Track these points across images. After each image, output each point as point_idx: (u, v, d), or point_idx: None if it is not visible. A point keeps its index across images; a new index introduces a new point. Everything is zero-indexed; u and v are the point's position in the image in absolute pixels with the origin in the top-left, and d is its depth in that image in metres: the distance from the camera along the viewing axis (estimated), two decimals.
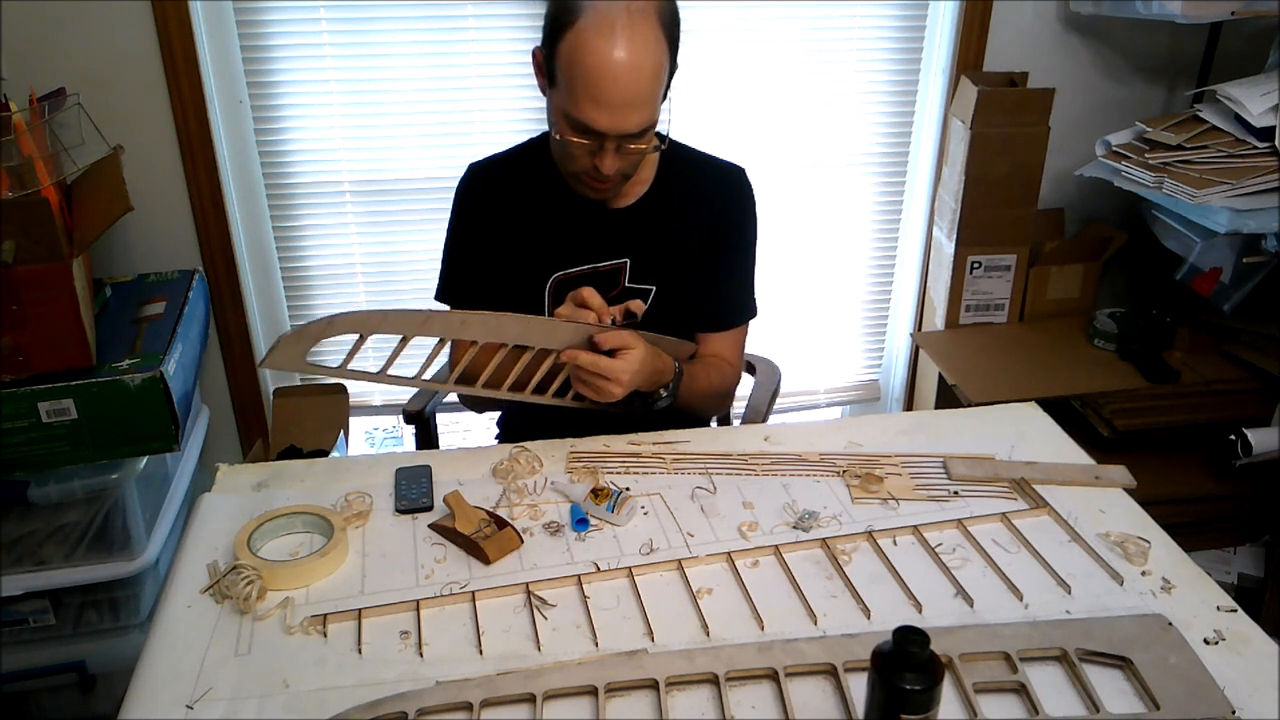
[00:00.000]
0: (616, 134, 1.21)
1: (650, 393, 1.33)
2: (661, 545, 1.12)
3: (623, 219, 1.41)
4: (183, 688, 0.93)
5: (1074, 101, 2.24)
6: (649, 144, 1.26)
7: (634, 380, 1.22)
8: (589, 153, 1.25)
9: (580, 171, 1.29)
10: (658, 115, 1.23)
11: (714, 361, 1.48)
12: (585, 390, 1.24)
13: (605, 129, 1.20)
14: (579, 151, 1.25)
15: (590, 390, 1.23)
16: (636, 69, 1.16)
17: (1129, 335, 2.10)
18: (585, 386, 1.23)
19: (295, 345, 1.09)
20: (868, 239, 2.42)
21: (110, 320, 1.78)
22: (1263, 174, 1.83)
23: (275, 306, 2.25)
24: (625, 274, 1.41)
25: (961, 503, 1.19)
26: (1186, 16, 1.90)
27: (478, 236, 1.44)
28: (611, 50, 1.15)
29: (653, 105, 1.21)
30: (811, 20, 2.16)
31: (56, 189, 1.60)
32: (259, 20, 1.98)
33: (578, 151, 1.26)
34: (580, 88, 1.18)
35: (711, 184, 1.44)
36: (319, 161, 2.13)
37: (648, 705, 0.90)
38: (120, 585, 1.73)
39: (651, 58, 1.18)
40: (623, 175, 1.30)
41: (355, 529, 1.16)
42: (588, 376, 1.21)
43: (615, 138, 1.21)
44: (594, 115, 1.19)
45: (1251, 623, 0.99)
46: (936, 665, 0.77)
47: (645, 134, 1.24)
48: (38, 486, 1.62)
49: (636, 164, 1.31)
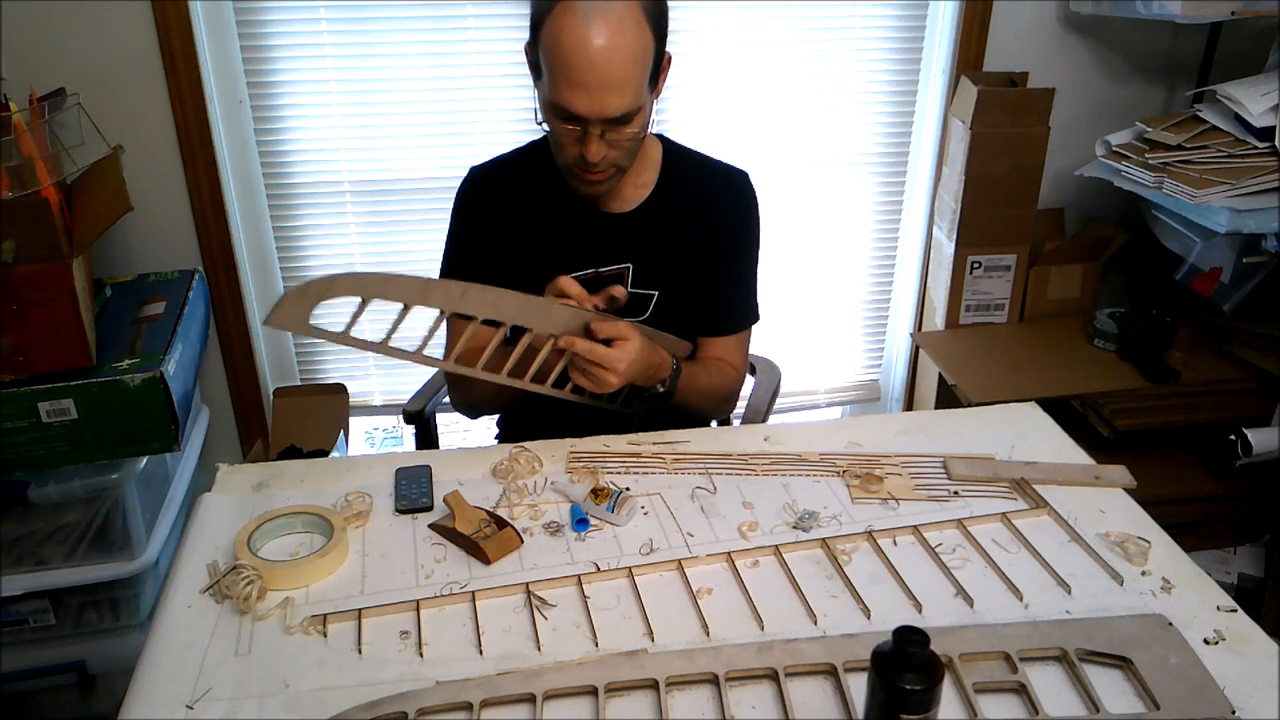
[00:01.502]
0: (598, 118, 1.20)
1: (648, 388, 1.33)
2: (661, 545, 1.12)
3: (626, 223, 1.40)
4: (183, 688, 0.93)
5: (1074, 101, 2.24)
6: (635, 130, 1.25)
7: (630, 371, 1.22)
8: (575, 141, 1.24)
9: (570, 164, 1.29)
10: (642, 101, 1.23)
11: (716, 363, 1.48)
12: (582, 380, 1.23)
13: (585, 113, 1.20)
14: (566, 141, 1.25)
15: (587, 380, 1.23)
16: (613, 50, 1.16)
17: (1129, 335, 2.10)
18: (582, 376, 1.23)
19: (299, 304, 1.08)
20: (868, 239, 2.42)
21: (110, 320, 1.78)
22: (1263, 174, 1.83)
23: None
24: (628, 279, 1.41)
25: (961, 503, 1.19)
26: (1186, 16, 1.90)
27: (479, 241, 1.43)
28: (587, 33, 1.16)
29: (633, 89, 1.20)
30: (811, 20, 2.16)
31: (56, 189, 1.60)
32: (259, 20, 1.99)
33: (565, 141, 1.25)
34: (559, 72, 1.19)
35: (715, 188, 1.44)
36: (319, 161, 2.13)
37: (648, 705, 0.90)
38: (120, 585, 1.73)
39: (629, 40, 1.18)
40: (615, 167, 1.29)
41: (355, 529, 1.16)
42: (584, 364, 1.21)
43: (598, 123, 1.21)
44: (573, 99, 1.19)
45: (1251, 623, 0.99)
46: (936, 665, 0.77)
47: (630, 120, 1.23)
48: (38, 486, 1.62)
49: (630, 154, 1.30)
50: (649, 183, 1.41)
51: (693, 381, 1.40)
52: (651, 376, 1.31)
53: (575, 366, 1.23)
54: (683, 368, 1.37)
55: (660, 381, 1.33)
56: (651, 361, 1.28)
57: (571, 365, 1.23)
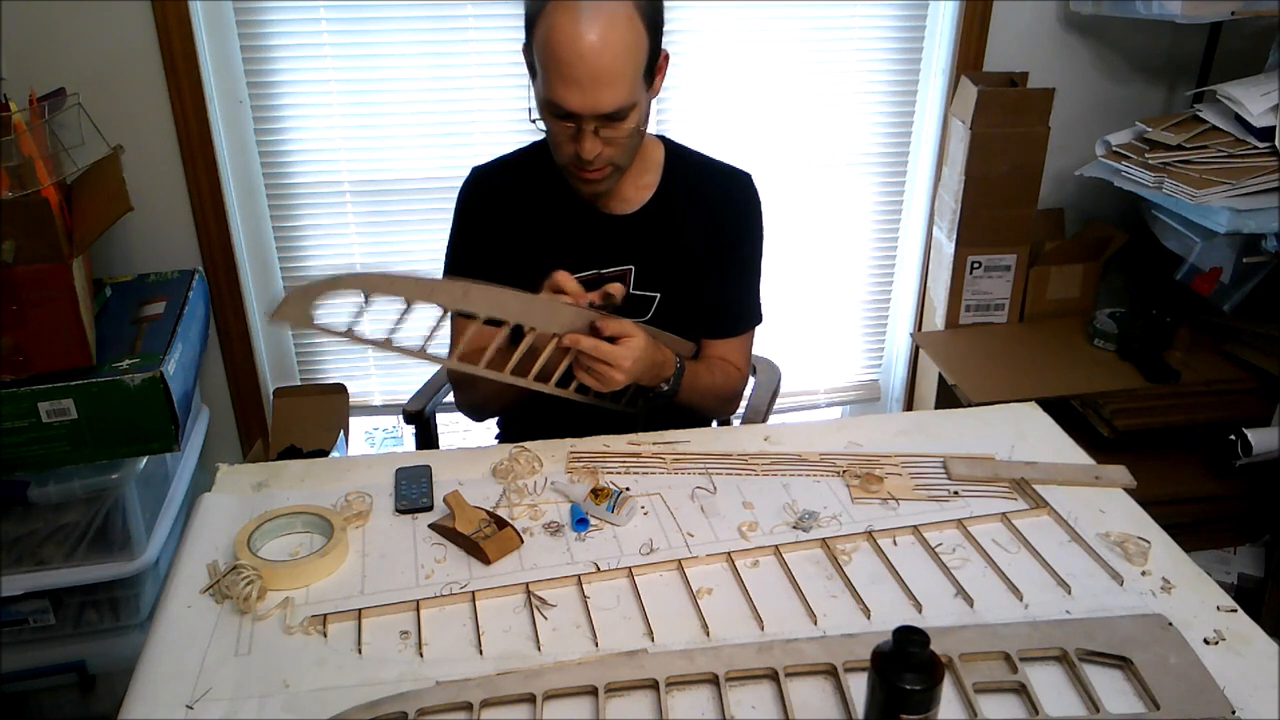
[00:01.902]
0: (592, 113, 1.20)
1: (652, 388, 1.33)
2: (661, 545, 1.12)
3: (627, 225, 1.40)
4: (183, 688, 0.93)
5: (1074, 101, 2.24)
6: (630, 127, 1.25)
7: (635, 368, 1.22)
8: (571, 138, 1.24)
9: (567, 162, 1.29)
10: (637, 97, 1.23)
11: (719, 363, 1.47)
12: (587, 378, 1.23)
13: (578, 109, 1.20)
14: (562, 139, 1.26)
15: (593, 378, 1.22)
16: (604, 45, 1.17)
17: (1129, 335, 2.10)
18: (588, 374, 1.23)
19: (304, 300, 1.09)
20: (868, 239, 2.42)
21: (110, 320, 1.78)
22: (1263, 174, 1.83)
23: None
24: (630, 281, 1.40)
25: (961, 503, 1.19)
26: (1186, 16, 1.90)
27: (480, 242, 1.43)
28: (578, 28, 1.16)
29: (626, 84, 1.20)
30: (811, 20, 2.16)
31: (56, 189, 1.60)
32: (259, 20, 1.98)
33: (561, 138, 1.26)
34: (552, 68, 1.19)
35: (717, 189, 1.43)
36: (319, 161, 2.13)
37: (648, 705, 0.90)
38: (120, 585, 1.73)
39: (620, 35, 1.18)
40: (612, 165, 1.28)
41: (355, 529, 1.16)
42: (589, 362, 1.21)
43: (592, 119, 1.21)
44: (566, 95, 1.19)
45: (1251, 623, 0.99)
46: (936, 665, 0.77)
47: (625, 116, 1.23)
48: (38, 486, 1.62)
49: (626, 152, 1.29)
50: (651, 184, 1.41)
51: (695, 381, 1.40)
52: (656, 375, 1.31)
53: (580, 365, 1.23)
54: (686, 366, 1.37)
55: (664, 380, 1.33)
56: (656, 360, 1.28)
57: (576, 364, 1.23)
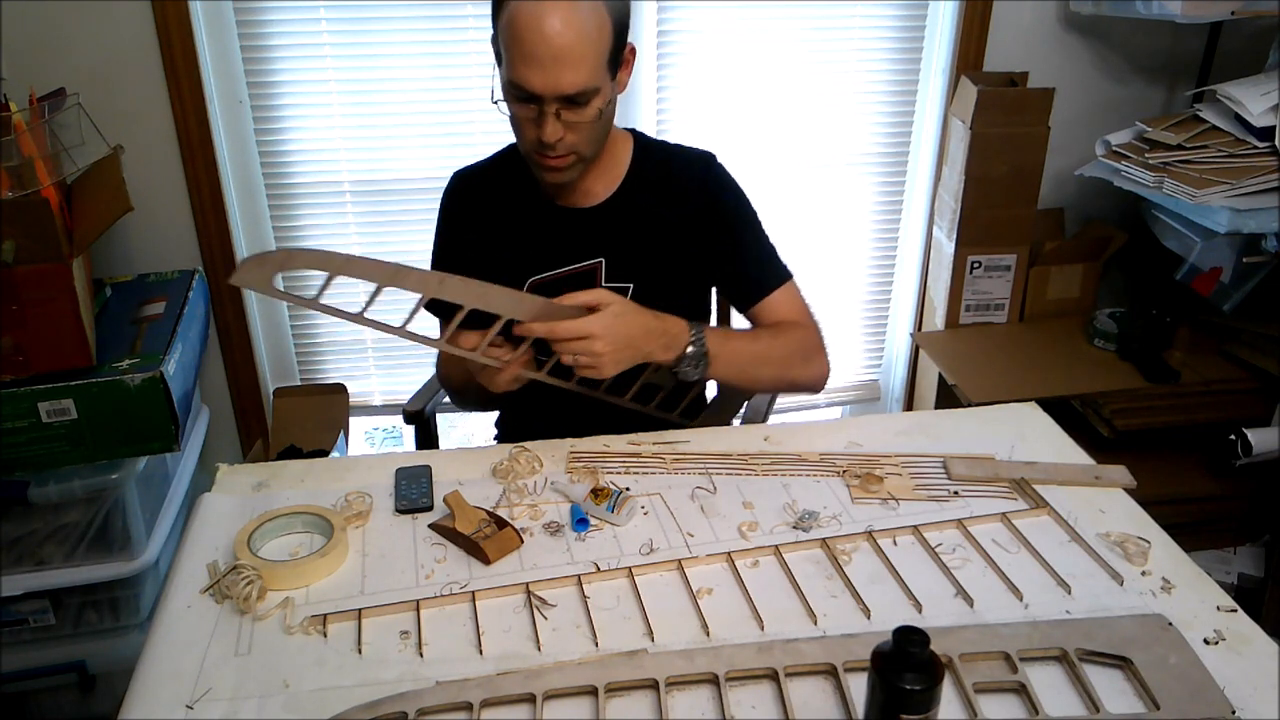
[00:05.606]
0: (553, 94, 1.20)
1: (674, 364, 1.27)
2: (661, 545, 1.12)
3: (594, 218, 1.40)
4: (183, 688, 0.93)
5: (1074, 101, 2.24)
6: (592, 113, 1.24)
7: (618, 340, 1.19)
8: (533, 121, 1.24)
9: (530, 149, 1.29)
10: (599, 83, 1.23)
11: (780, 326, 1.41)
12: (573, 362, 1.20)
13: (540, 89, 1.20)
14: (525, 123, 1.26)
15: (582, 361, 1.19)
16: (565, 25, 1.17)
17: (1129, 335, 2.10)
18: (573, 361, 1.20)
19: (259, 269, 1.13)
20: (868, 239, 2.42)
21: (110, 320, 1.78)
22: (1263, 174, 1.83)
23: (275, 307, 2.25)
24: (601, 274, 1.40)
25: (961, 503, 1.19)
26: (1186, 16, 1.90)
27: (460, 243, 1.45)
28: (540, 9, 1.17)
29: (587, 67, 1.20)
30: (811, 20, 2.16)
31: (56, 189, 1.60)
32: (259, 20, 1.98)
33: (523, 123, 1.26)
34: (514, 49, 1.20)
35: (683, 174, 1.42)
36: (319, 161, 2.13)
37: (648, 705, 0.90)
38: (120, 585, 1.73)
39: (583, 18, 1.19)
40: (575, 154, 1.28)
41: (355, 529, 1.16)
42: (563, 344, 1.19)
43: (553, 100, 1.21)
44: (527, 75, 1.20)
45: (1251, 623, 0.99)
46: (936, 665, 0.77)
47: (586, 102, 1.23)
48: (38, 486, 1.62)
49: (590, 141, 1.28)
50: (617, 176, 1.41)
51: (740, 346, 1.34)
52: (666, 345, 1.25)
53: (562, 352, 1.20)
54: (715, 330, 1.30)
55: (685, 346, 1.26)
56: (651, 327, 1.24)
57: (560, 353, 1.21)
